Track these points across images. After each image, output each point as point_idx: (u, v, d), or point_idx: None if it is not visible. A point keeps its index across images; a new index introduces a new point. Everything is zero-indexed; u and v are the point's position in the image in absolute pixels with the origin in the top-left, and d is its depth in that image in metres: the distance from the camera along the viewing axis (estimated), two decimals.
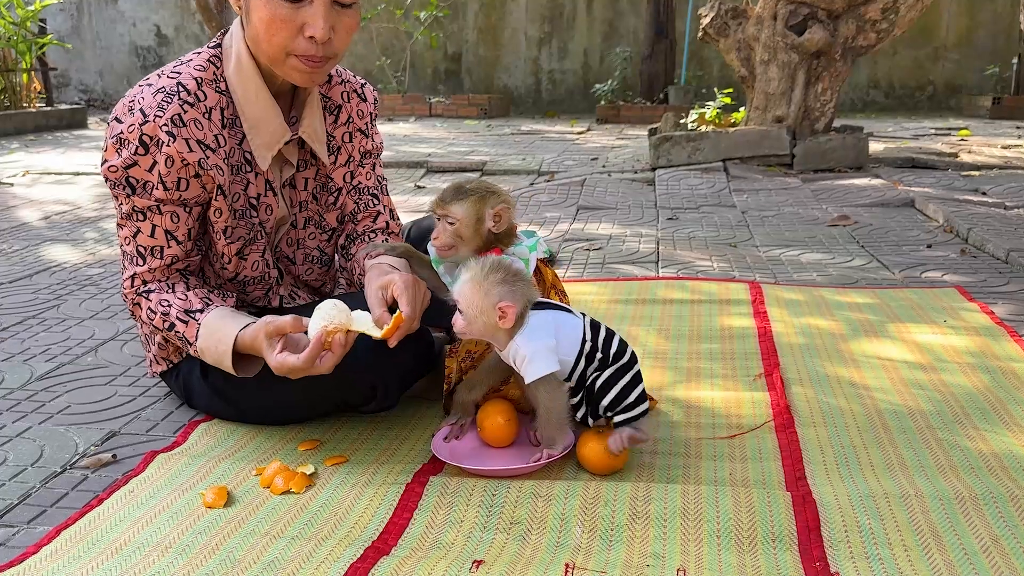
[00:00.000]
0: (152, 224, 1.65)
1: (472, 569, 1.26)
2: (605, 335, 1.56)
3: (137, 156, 1.58)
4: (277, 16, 1.53)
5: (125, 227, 1.68)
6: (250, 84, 1.65)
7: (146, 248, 1.67)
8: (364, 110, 1.88)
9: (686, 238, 3.61)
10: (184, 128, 1.58)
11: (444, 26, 10.84)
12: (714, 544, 1.33)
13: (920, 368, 2.07)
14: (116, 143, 1.60)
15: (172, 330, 1.65)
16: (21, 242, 3.64)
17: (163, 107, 1.58)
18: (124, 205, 1.65)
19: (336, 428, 1.76)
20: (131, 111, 1.59)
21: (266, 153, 1.69)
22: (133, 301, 1.71)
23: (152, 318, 1.67)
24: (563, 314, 1.55)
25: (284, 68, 1.61)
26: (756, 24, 5.36)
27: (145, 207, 1.64)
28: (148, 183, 1.61)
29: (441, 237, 1.62)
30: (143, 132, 1.57)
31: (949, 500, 1.42)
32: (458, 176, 5.45)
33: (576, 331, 1.53)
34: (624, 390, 1.53)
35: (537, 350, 1.48)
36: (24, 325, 2.49)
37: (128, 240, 1.68)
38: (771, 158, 5.33)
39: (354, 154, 1.86)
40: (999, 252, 3.17)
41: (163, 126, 1.56)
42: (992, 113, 8.99)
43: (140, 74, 11.99)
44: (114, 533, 1.37)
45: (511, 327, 1.49)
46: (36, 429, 1.79)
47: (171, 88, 1.60)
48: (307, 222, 1.84)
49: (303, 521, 1.41)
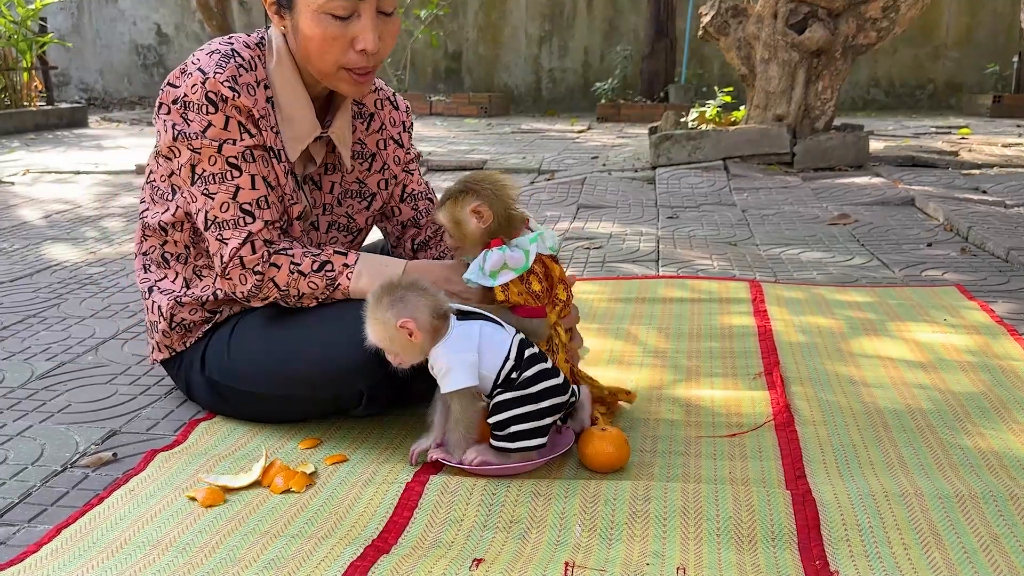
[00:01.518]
0: (250, 176, 1.62)
1: (472, 567, 1.26)
2: (529, 357, 1.49)
3: (209, 116, 1.58)
4: (328, 34, 1.56)
5: (219, 192, 1.61)
6: (288, 81, 1.67)
7: (252, 203, 1.62)
8: (397, 118, 1.90)
9: (686, 237, 3.61)
10: (242, 88, 1.59)
11: (444, 24, 10.83)
12: (714, 543, 1.33)
13: (920, 367, 2.07)
14: (181, 108, 1.59)
15: (322, 269, 1.62)
16: (22, 241, 3.64)
17: (222, 66, 1.59)
18: (212, 166, 1.60)
19: (336, 427, 1.76)
20: (188, 73, 1.60)
21: (296, 145, 1.70)
22: (265, 263, 1.62)
23: (297, 270, 1.62)
24: (492, 327, 1.50)
25: (334, 81, 1.63)
26: (756, 22, 5.35)
27: (237, 154, 1.60)
28: (230, 138, 1.60)
29: (446, 240, 1.66)
30: (207, 90, 1.57)
31: (949, 499, 1.42)
32: (458, 175, 5.45)
33: (502, 347, 1.48)
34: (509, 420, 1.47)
35: (455, 362, 1.45)
36: (25, 324, 2.50)
37: (226, 205, 1.61)
38: (771, 157, 5.33)
39: (389, 163, 1.88)
40: (999, 251, 3.17)
41: (224, 82, 1.57)
42: (992, 111, 8.98)
43: (141, 73, 12.00)
44: (114, 532, 1.37)
45: (431, 337, 1.46)
46: (36, 428, 1.79)
47: (226, 51, 1.61)
48: (330, 226, 1.83)
49: (303, 520, 1.41)
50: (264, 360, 1.68)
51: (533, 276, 1.59)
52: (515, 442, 1.49)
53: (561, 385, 1.52)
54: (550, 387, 1.50)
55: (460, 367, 1.46)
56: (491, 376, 1.49)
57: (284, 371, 1.67)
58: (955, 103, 10.06)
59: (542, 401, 1.49)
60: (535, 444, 1.50)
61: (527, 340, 1.52)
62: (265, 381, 1.69)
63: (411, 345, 1.47)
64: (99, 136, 7.96)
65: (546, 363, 1.52)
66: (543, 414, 1.49)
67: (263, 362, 1.68)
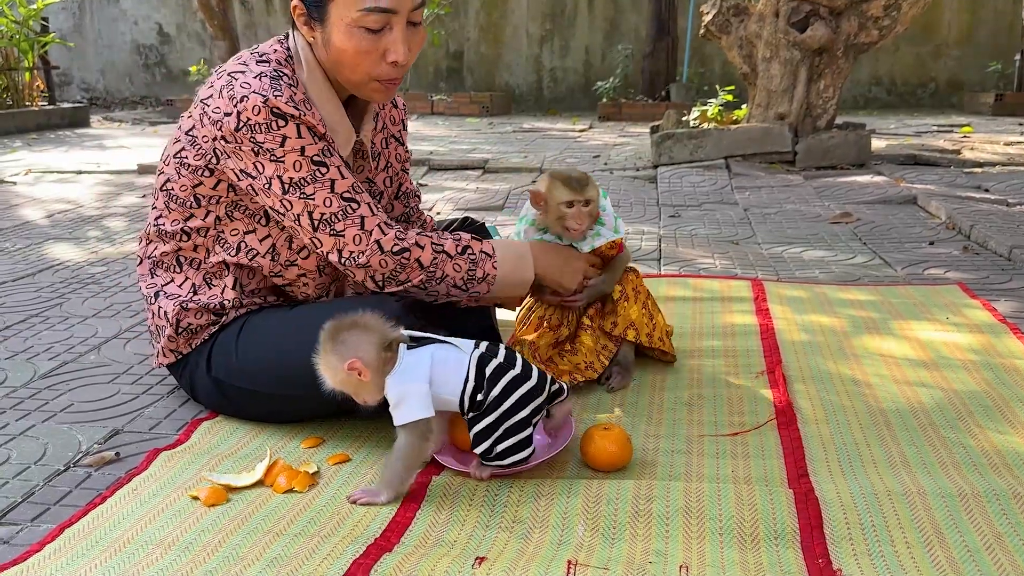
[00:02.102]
0: (337, 167, 1.63)
1: (475, 565, 1.26)
2: (492, 373, 1.45)
3: (282, 131, 1.58)
4: (361, 48, 1.58)
5: (316, 191, 1.61)
6: (323, 94, 1.68)
7: (350, 189, 1.63)
8: (396, 116, 1.95)
9: (688, 236, 3.61)
10: (300, 106, 1.60)
11: (446, 24, 10.83)
12: (716, 541, 1.33)
13: (922, 365, 2.07)
14: (248, 132, 1.58)
15: (466, 252, 1.68)
16: (24, 240, 3.64)
17: (277, 88, 1.59)
18: (299, 171, 1.60)
19: (339, 426, 1.76)
20: (239, 98, 1.58)
21: (343, 153, 1.72)
22: (405, 242, 1.64)
23: (440, 249, 1.66)
24: (446, 350, 1.47)
25: (364, 90, 1.67)
26: (758, 21, 5.35)
27: (320, 153, 1.61)
28: (306, 143, 1.60)
29: (586, 221, 1.84)
30: (272, 107, 1.57)
31: (952, 497, 1.42)
32: (460, 174, 5.45)
33: (460, 369, 1.44)
34: (495, 443, 1.45)
35: (404, 394, 1.42)
36: (27, 323, 2.50)
37: (329, 200, 1.61)
38: (773, 155, 5.32)
39: (392, 161, 1.93)
40: (1001, 249, 3.16)
41: (287, 102, 1.58)
42: (994, 110, 8.97)
43: (142, 72, 12.00)
44: (117, 531, 1.37)
45: (382, 371, 1.43)
46: (39, 427, 1.79)
47: (271, 72, 1.61)
48: None
49: (306, 519, 1.41)
50: (273, 359, 1.68)
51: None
52: (507, 459, 1.47)
53: (536, 385, 1.48)
54: (524, 394, 1.46)
55: (411, 398, 1.41)
56: (455, 400, 1.45)
57: (294, 370, 1.66)
58: (957, 101, 10.04)
59: (520, 411, 1.45)
60: (527, 454, 1.48)
61: (487, 356, 1.47)
62: (275, 380, 1.69)
63: (364, 384, 1.44)
64: (101, 136, 7.97)
65: (514, 369, 1.47)
66: (524, 424, 1.46)
67: (272, 361, 1.68)
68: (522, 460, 1.48)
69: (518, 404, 1.46)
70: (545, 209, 1.87)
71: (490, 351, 1.49)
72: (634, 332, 1.98)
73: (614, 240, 1.93)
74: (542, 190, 1.86)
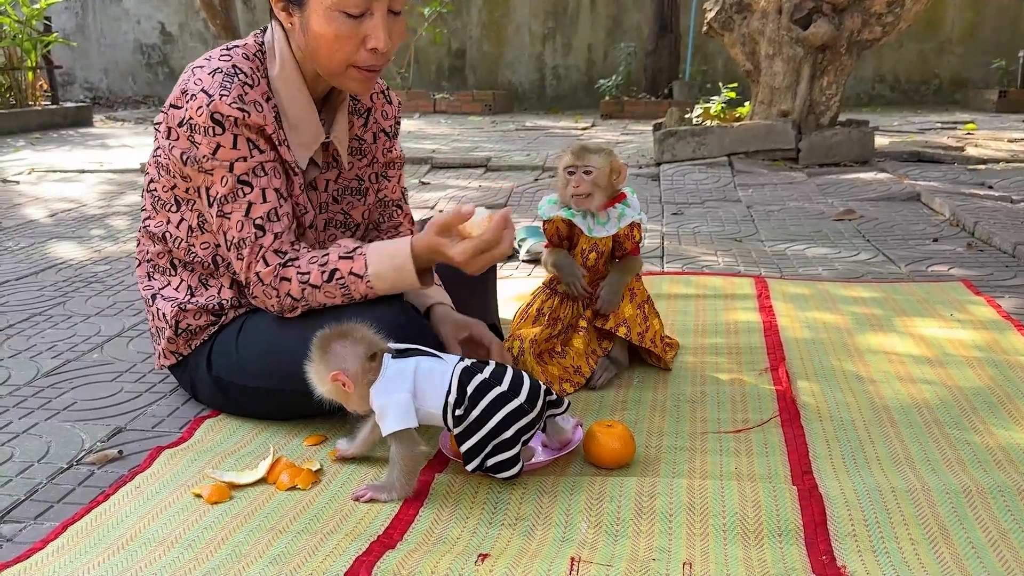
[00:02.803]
0: (261, 190, 1.61)
1: (478, 562, 1.26)
2: (476, 389, 1.42)
3: (217, 137, 1.57)
4: (341, 33, 1.54)
5: (234, 211, 1.60)
6: (292, 87, 1.65)
7: (265, 216, 1.61)
8: (388, 112, 1.90)
9: (691, 233, 3.61)
10: (250, 107, 1.58)
11: (448, 22, 10.83)
12: (720, 538, 1.32)
13: (926, 362, 2.06)
14: (188, 131, 1.58)
15: (333, 278, 1.58)
16: (27, 239, 3.65)
17: (226, 86, 1.57)
18: (223, 186, 1.60)
19: (341, 424, 1.76)
20: (191, 95, 1.57)
21: (304, 153, 1.69)
22: (277, 278, 1.61)
23: (306, 280, 1.59)
24: (430, 362, 1.45)
25: (342, 79, 1.62)
26: (761, 18, 5.34)
27: (247, 173, 1.60)
28: (240, 156, 1.59)
29: (582, 185, 1.87)
30: (212, 111, 1.56)
31: (956, 494, 1.42)
32: (462, 172, 5.45)
33: (442, 381, 1.42)
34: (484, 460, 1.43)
35: (388, 404, 1.41)
36: (30, 322, 2.50)
37: (241, 223, 1.60)
38: (776, 152, 5.31)
39: (378, 155, 1.87)
40: (1006, 246, 3.16)
41: (232, 103, 1.56)
42: (998, 107, 8.95)
43: (145, 72, 12.02)
44: (120, 529, 1.37)
45: (366, 382, 1.43)
46: (42, 425, 1.80)
47: (228, 69, 1.59)
48: (327, 224, 1.82)
49: (309, 516, 1.41)
50: (274, 356, 1.67)
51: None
52: (498, 473, 1.45)
53: (524, 404, 1.43)
54: (510, 412, 1.42)
55: (395, 408, 1.41)
56: (438, 412, 1.44)
57: (295, 366, 1.66)
58: (960, 98, 10.02)
59: (505, 431, 1.42)
60: (515, 472, 1.45)
61: (471, 370, 1.44)
62: (276, 377, 1.68)
63: (349, 395, 1.44)
64: (104, 135, 7.97)
65: (500, 386, 1.43)
66: (511, 443, 1.43)
67: (273, 358, 1.68)
68: (513, 476, 1.46)
69: (503, 423, 1.42)
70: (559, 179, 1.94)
71: (475, 366, 1.45)
72: (625, 329, 1.97)
73: (635, 225, 1.96)
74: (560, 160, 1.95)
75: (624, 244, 2.00)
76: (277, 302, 1.64)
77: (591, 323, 2.00)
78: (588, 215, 1.94)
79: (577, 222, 1.94)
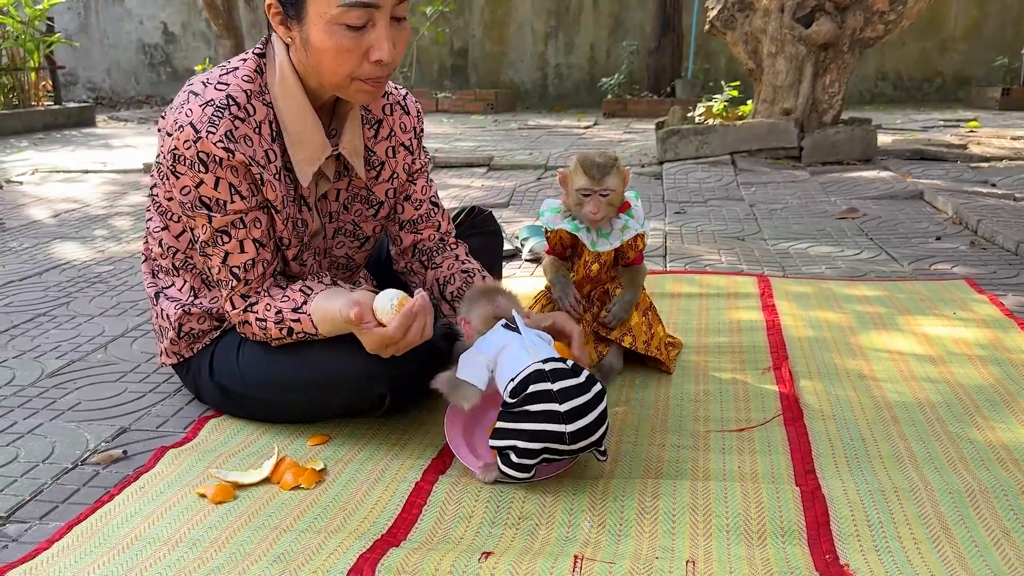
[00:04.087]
0: (239, 241, 1.60)
1: (481, 560, 1.26)
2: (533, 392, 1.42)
3: (200, 175, 1.54)
4: (343, 47, 1.48)
5: (213, 255, 1.62)
6: (293, 100, 1.60)
7: (240, 266, 1.62)
8: (407, 124, 1.81)
9: (694, 232, 3.61)
10: (237, 144, 1.54)
11: (450, 21, 10.83)
12: (723, 538, 1.33)
13: (929, 360, 2.06)
14: (173, 161, 1.55)
15: (292, 334, 1.62)
16: (31, 240, 3.65)
17: (214, 123, 1.52)
18: (205, 232, 1.60)
19: (345, 424, 1.77)
20: (180, 127, 1.53)
21: (307, 169, 1.63)
22: (242, 320, 1.67)
23: (265, 327, 1.63)
24: (522, 346, 1.48)
25: (348, 91, 1.57)
26: (763, 16, 5.33)
27: (227, 224, 1.59)
28: (221, 200, 1.56)
29: (600, 210, 1.86)
30: (199, 149, 1.52)
31: (959, 493, 1.42)
32: (465, 171, 5.45)
33: (517, 366, 1.46)
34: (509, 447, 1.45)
35: (468, 358, 1.52)
36: (35, 322, 2.51)
37: (219, 268, 1.63)
38: (779, 151, 5.31)
39: (398, 171, 1.81)
40: (1009, 244, 3.15)
41: (217, 143, 1.52)
42: (1001, 104, 8.93)
43: (148, 72, 12.03)
44: (125, 528, 1.38)
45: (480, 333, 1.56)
46: (47, 426, 1.80)
47: (220, 101, 1.54)
48: (336, 232, 1.79)
49: (313, 515, 1.41)
50: (274, 374, 1.69)
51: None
52: (507, 469, 1.46)
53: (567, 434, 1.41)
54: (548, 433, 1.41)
55: (470, 362, 1.50)
56: (503, 389, 1.47)
57: (297, 380, 1.67)
58: (963, 96, 10.00)
59: (533, 444, 1.42)
60: (520, 476, 1.46)
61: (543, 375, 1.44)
62: (279, 391, 1.69)
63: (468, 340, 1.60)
64: (107, 135, 7.99)
65: (559, 405, 1.41)
66: (531, 454, 1.43)
67: (274, 372, 1.69)
68: (512, 479, 1.47)
69: (536, 437, 1.42)
70: (567, 193, 1.92)
71: (554, 373, 1.44)
72: (631, 339, 1.96)
73: (639, 235, 1.95)
74: (568, 172, 1.91)
75: (627, 253, 1.98)
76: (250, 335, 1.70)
77: (590, 326, 1.99)
78: (593, 229, 1.93)
79: (581, 236, 1.93)
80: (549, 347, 1.53)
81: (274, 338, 1.65)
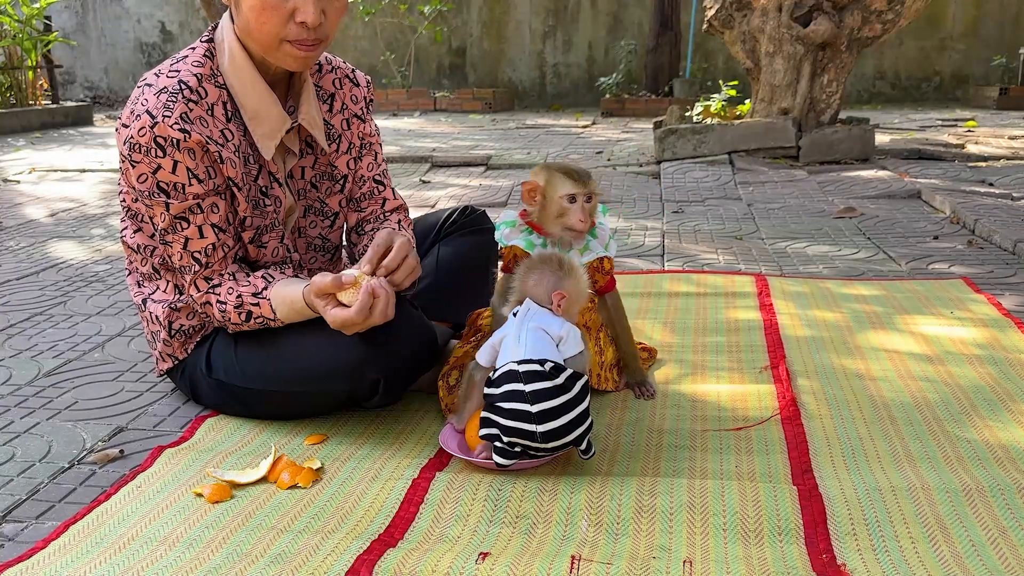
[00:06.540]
0: (197, 226, 1.64)
1: (478, 561, 1.26)
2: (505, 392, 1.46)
3: (158, 159, 1.57)
4: (268, 4, 1.54)
5: (174, 242, 1.66)
6: (244, 75, 1.65)
7: (201, 251, 1.66)
8: (358, 95, 1.86)
9: (691, 231, 3.61)
10: (193, 125, 1.58)
11: (448, 20, 10.83)
12: (720, 537, 1.33)
13: (927, 360, 2.06)
14: (130, 150, 1.59)
15: (251, 319, 1.66)
16: (28, 239, 3.65)
17: (169, 107, 1.57)
18: (163, 219, 1.63)
19: (342, 422, 1.77)
20: (137, 115, 1.58)
21: (269, 143, 1.68)
22: (204, 302, 1.70)
23: (225, 311, 1.67)
24: (511, 335, 1.55)
25: (277, 55, 1.61)
26: (761, 16, 5.33)
27: (185, 210, 1.62)
28: (178, 184, 1.59)
29: (589, 215, 1.74)
30: (155, 135, 1.56)
31: (956, 492, 1.42)
32: (463, 170, 5.45)
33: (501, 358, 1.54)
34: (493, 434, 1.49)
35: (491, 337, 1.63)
36: (31, 322, 2.50)
37: (180, 254, 1.66)
38: (777, 150, 5.31)
39: (354, 140, 1.86)
40: (1006, 243, 3.16)
41: (173, 125, 1.56)
42: (999, 104, 8.95)
43: (145, 70, 11.98)
44: (121, 528, 1.37)
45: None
46: (44, 425, 1.80)
47: (173, 87, 1.59)
48: (307, 210, 1.83)
49: (310, 515, 1.41)
50: (272, 361, 1.69)
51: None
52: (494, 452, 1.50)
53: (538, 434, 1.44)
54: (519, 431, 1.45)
55: (488, 342, 1.62)
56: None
57: (293, 369, 1.67)
58: (961, 96, 10.02)
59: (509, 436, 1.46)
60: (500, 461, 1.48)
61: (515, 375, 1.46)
62: (276, 379, 1.70)
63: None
64: (104, 134, 7.98)
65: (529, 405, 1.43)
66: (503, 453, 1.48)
67: (271, 363, 1.69)
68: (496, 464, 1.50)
69: (508, 431, 1.46)
70: (542, 205, 1.73)
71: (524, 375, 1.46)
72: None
73: (602, 259, 1.80)
74: (540, 183, 1.73)
75: (594, 277, 1.79)
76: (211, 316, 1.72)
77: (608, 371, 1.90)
78: (551, 244, 1.76)
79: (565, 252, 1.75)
80: (546, 345, 1.52)
81: (232, 323, 1.69)
